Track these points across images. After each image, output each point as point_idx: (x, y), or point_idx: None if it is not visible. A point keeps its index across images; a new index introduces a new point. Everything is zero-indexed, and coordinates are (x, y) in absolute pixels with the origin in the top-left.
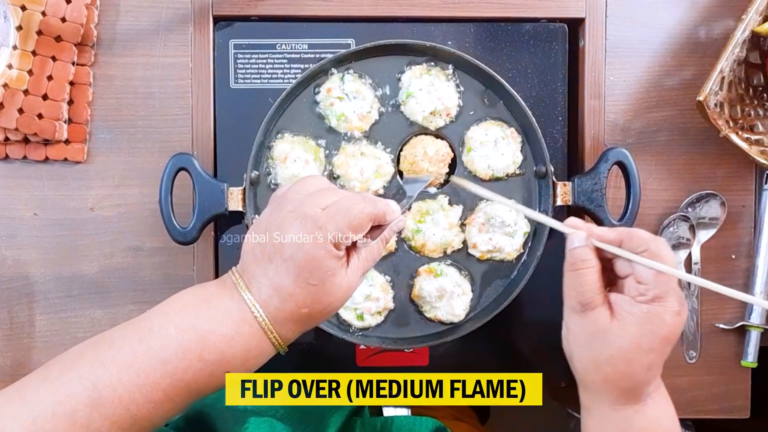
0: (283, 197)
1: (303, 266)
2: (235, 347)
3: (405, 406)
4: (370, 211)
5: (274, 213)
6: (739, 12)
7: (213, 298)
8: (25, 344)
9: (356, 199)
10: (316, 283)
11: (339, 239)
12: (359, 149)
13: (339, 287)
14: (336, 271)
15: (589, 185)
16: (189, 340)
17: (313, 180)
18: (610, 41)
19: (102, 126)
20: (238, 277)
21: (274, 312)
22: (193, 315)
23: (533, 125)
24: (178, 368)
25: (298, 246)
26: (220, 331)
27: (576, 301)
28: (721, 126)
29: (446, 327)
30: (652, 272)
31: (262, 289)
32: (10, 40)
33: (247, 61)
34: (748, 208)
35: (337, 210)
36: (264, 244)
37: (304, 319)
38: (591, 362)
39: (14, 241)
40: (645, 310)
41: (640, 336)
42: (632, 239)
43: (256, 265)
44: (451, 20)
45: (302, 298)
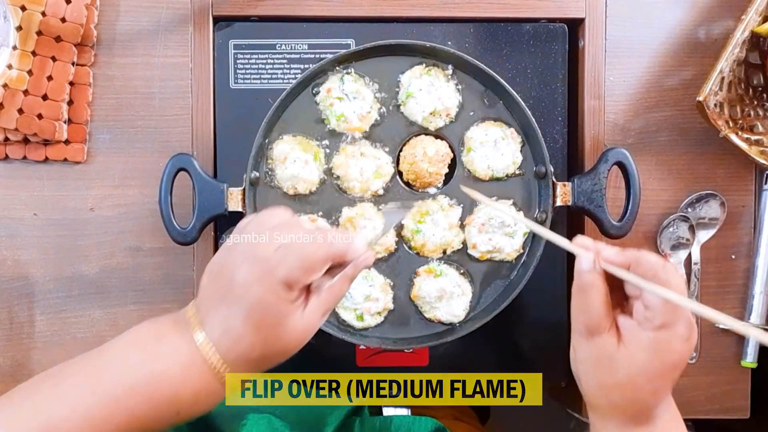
0: (241, 231)
1: (253, 310)
2: (185, 389)
3: (405, 406)
4: (324, 252)
5: (229, 251)
6: (739, 12)
7: (165, 336)
8: (25, 344)
9: (312, 240)
10: (267, 326)
11: (291, 282)
12: (359, 149)
13: (293, 330)
14: (289, 314)
15: (589, 185)
16: (138, 381)
17: (272, 213)
18: (610, 41)
19: (102, 126)
20: (193, 314)
21: (224, 353)
22: (144, 354)
23: (533, 125)
24: (128, 406)
25: (247, 288)
26: (169, 373)
27: (583, 325)
28: (721, 126)
29: (446, 327)
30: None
31: (215, 330)
32: (10, 40)
33: (247, 61)
34: (748, 208)
35: (289, 251)
36: (217, 282)
37: (255, 362)
38: (598, 387)
39: (14, 241)
40: (652, 337)
41: (648, 363)
42: (640, 264)
43: (210, 304)
44: (451, 20)
45: (252, 342)
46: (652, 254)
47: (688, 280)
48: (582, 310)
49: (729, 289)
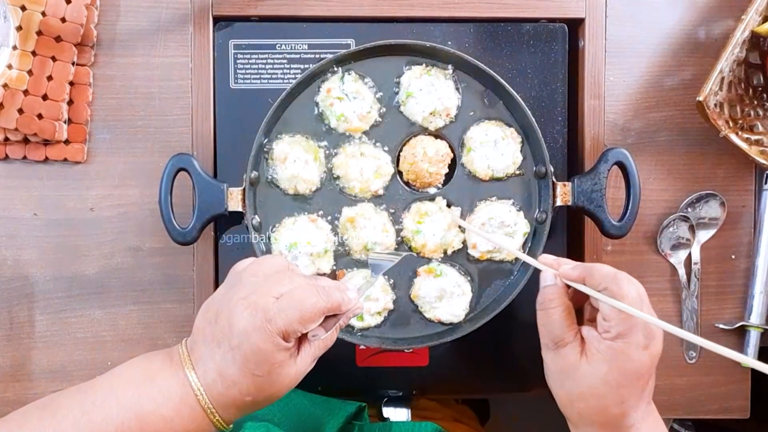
0: (238, 278)
1: (249, 357)
2: (175, 428)
3: (405, 407)
4: (323, 306)
5: (227, 295)
6: (739, 12)
7: (158, 375)
8: (25, 344)
9: (310, 292)
10: (262, 374)
11: (289, 332)
12: (359, 149)
13: (286, 376)
14: (284, 362)
15: (589, 185)
16: (129, 419)
17: (271, 261)
18: (610, 41)
19: (102, 126)
20: (186, 354)
21: (217, 397)
22: (136, 393)
23: (533, 125)
24: None
25: (246, 336)
26: (161, 413)
27: (548, 338)
28: (721, 126)
29: (446, 327)
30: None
31: (208, 373)
32: (10, 40)
33: (247, 61)
34: (748, 208)
35: (289, 303)
36: (214, 326)
37: (247, 406)
38: (565, 398)
39: (14, 241)
40: (610, 347)
41: (607, 372)
42: (593, 277)
43: (205, 346)
44: (451, 20)
45: (246, 387)
46: (604, 266)
47: (688, 280)
48: (545, 323)
49: (729, 289)
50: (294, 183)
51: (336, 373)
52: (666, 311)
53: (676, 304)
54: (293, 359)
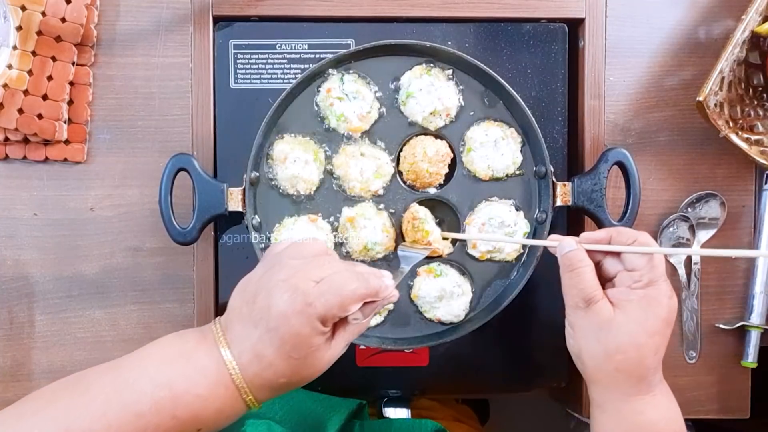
0: (278, 259)
1: (287, 340)
2: (208, 408)
3: (405, 407)
4: (362, 292)
5: (266, 276)
6: (739, 12)
7: (192, 353)
8: (25, 344)
9: (350, 277)
10: (298, 357)
11: (328, 317)
12: (359, 149)
13: (321, 360)
14: (320, 346)
15: (589, 185)
16: (163, 398)
17: (311, 245)
18: (610, 41)
19: (102, 126)
20: (220, 333)
21: (252, 377)
22: (170, 371)
23: (533, 125)
24: (150, 423)
25: (285, 319)
26: (195, 392)
27: (579, 298)
28: (721, 126)
29: (446, 327)
30: (643, 259)
31: (244, 353)
32: (10, 40)
33: (247, 61)
34: (748, 208)
35: (330, 288)
36: (251, 306)
37: (281, 387)
38: (602, 353)
39: (14, 241)
40: (643, 295)
41: (645, 319)
42: (621, 234)
43: (241, 326)
44: (451, 20)
45: (281, 370)
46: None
47: (688, 280)
48: (574, 285)
49: (729, 289)
50: (294, 183)
51: (336, 373)
52: None
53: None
54: (329, 343)
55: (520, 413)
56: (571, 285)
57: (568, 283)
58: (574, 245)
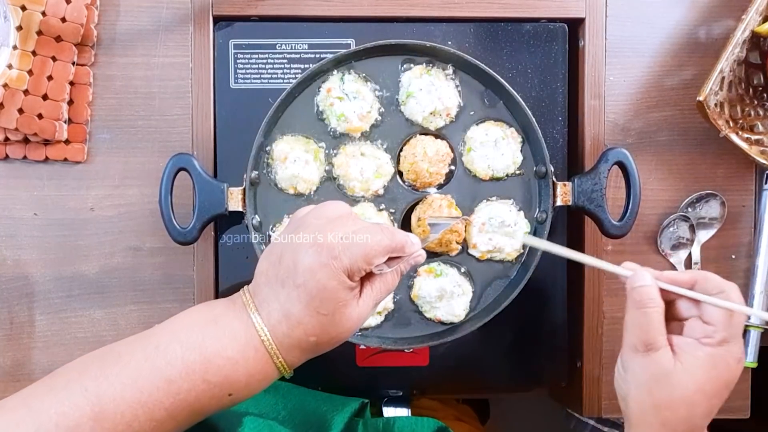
0: (302, 221)
1: (315, 295)
2: (239, 371)
3: (406, 407)
4: (387, 244)
5: (290, 234)
6: (739, 12)
7: (221, 318)
8: (25, 344)
9: (375, 230)
10: (326, 313)
11: (353, 270)
12: (359, 149)
13: (349, 318)
14: (348, 302)
15: (589, 185)
16: (194, 362)
17: (334, 206)
18: (610, 41)
19: (102, 126)
20: (248, 298)
21: (281, 338)
22: (200, 336)
23: (533, 125)
24: (182, 388)
25: (312, 274)
26: (226, 354)
27: (639, 340)
28: (721, 126)
29: (446, 327)
30: (723, 315)
31: (272, 314)
32: (10, 40)
33: (247, 61)
34: (748, 208)
35: (354, 241)
36: (278, 267)
37: (311, 347)
38: (650, 405)
39: (14, 241)
40: (711, 353)
41: (706, 381)
42: (707, 281)
43: (268, 288)
44: (451, 20)
45: (311, 327)
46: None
47: None
48: (639, 325)
49: None
50: (294, 183)
51: (336, 373)
52: None
53: None
54: (356, 300)
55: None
56: (634, 324)
57: (632, 320)
58: (648, 280)
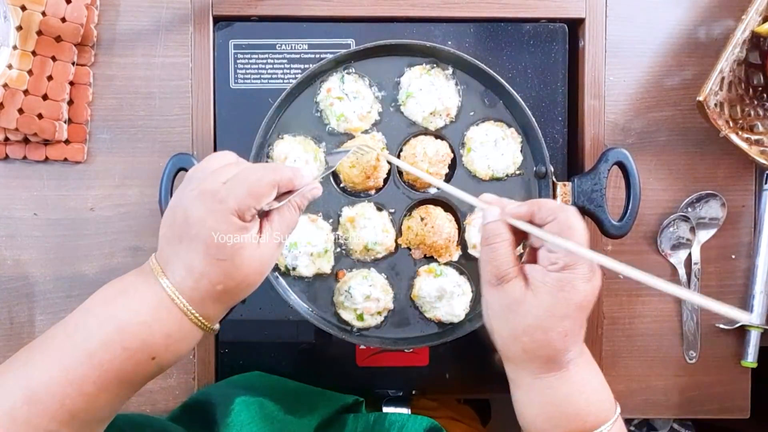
0: (190, 177)
1: (209, 243)
2: (155, 333)
3: (405, 407)
4: (271, 179)
5: (179, 194)
6: (739, 12)
7: (130, 287)
8: (25, 344)
9: (256, 168)
10: (225, 258)
11: (242, 209)
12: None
13: (251, 260)
14: (245, 243)
15: (589, 185)
16: (109, 332)
17: (219, 156)
18: (610, 41)
19: (102, 126)
20: (155, 263)
21: (189, 292)
22: (112, 307)
23: (533, 125)
24: (104, 360)
25: (202, 223)
26: (138, 320)
27: (491, 274)
28: (721, 126)
29: (446, 327)
30: None
31: (176, 271)
32: (10, 40)
33: (247, 61)
34: (748, 208)
35: (237, 181)
36: (173, 226)
37: (221, 296)
38: (509, 334)
39: (14, 241)
40: (557, 278)
41: (554, 304)
42: (541, 210)
43: (170, 248)
44: (451, 20)
45: (214, 275)
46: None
47: (689, 280)
48: (489, 260)
49: (729, 289)
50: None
51: (336, 373)
52: (666, 311)
53: (677, 304)
54: (255, 241)
55: None
56: (485, 260)
57: (484, 256)
58: (495, 216)
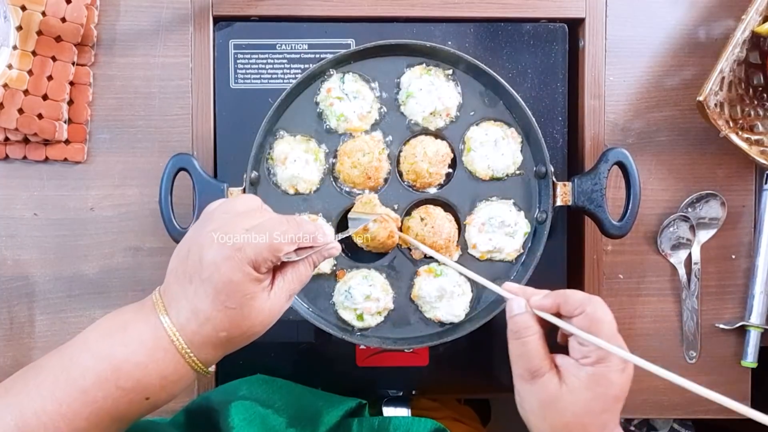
0: (211, 215)
1: (220, 289)
2: (150, 374)
3: (405, 407)
4: (293, 234)
5: (197, 230)
6: (739, 12)
7: (129, 324)
8: (25, 344)
9: (281, 221)
10: (234, 307)
11: (259, 262)
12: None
13: (260, 311)
14: (256, 294)
15: (589, 185)
16: (105, 370)
17: (244, 200)
18: (610, 41)
19: (102, 126)
20: (158, 298)
21: (191, 336)
22: (109, 343)
23: (533, 125)
24: (97, 397)
25: (216, 267)
26: (135, 359)
27: (524, 369)
28: (721, 126)
29: (446, 327)
30: None
31: (181, 312)
32: (10, 40)
33: (247, 61)
34: (748, 208)
35: (259, 231)
36: (185, 263)
37: (222, 344)
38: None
39: (14, 241)
40: (591, 372)
41: (591, 399)
42: (567, 302)
43: (177, 285)
44: (451, 20)
45: (219, 322)
46: (577, 291)
47: (689, 280)
48: (520, 354)
49: (729, 289)
50: (294, 183)
51: (336, 373)
52: (666, 311)
53: (676, 304)
54: (266, 293)
55: None
56: (516, 354)
57: (514, 350)
58: (522, 308)
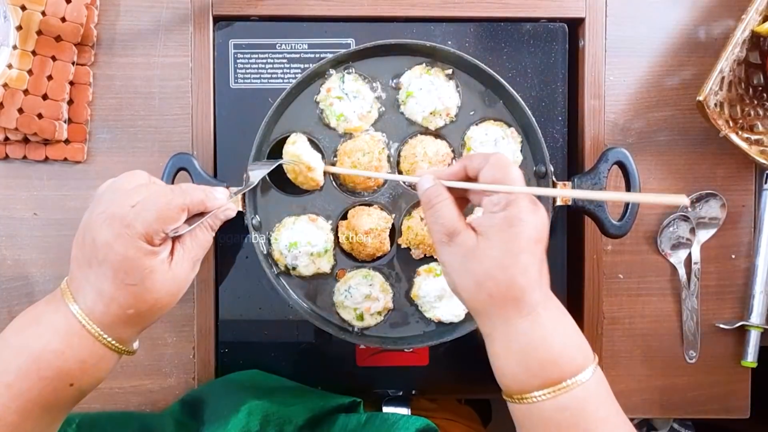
0: (99, 197)
1: (118, 267)
2: (69, 360)
3: (405, 407)
4: (180, 203)
5: (89, 214)
6: (739, 12)
7: (42, 316)
8: None
9: (165, 191)
10: (135, 283)
11: (150, 234)
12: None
13: (163, 283)
14: (154, 267)
15: (589, 185)
16: (25, 362)
17: (131, 176)
18: (610, 41)
19: (102, 126)
20: (65, 287)
21: (100, 317)
22: (25, 336)
23: (533, 125)
24: (22, 389)
25: (109, 247)
26: (52, 348)
27: (441, 233)
28: (721, 126)
29: (446, 327)
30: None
31: (87, 296)
32: (10, 40)
33: (247, 61)
34: (748, 208)
35: (145, 205)
36: (83, 249)
37: (133, 320)
38: (473, 283)
39: (14, 241)
40: (502, 217)
41: (507, 241)
42: (472, 161)
43: (79, 271)
44: (451, 20)
45: (124, 300)
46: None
47: (689, 280)
48: (435, 220)
49: (729, 289)
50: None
51: (336, 373)
52: (666, 310)
53: (676, 304)
54: (166, 264)
55: None
56: (432, 221)
57: (431, 220)
58: (431, 181)
